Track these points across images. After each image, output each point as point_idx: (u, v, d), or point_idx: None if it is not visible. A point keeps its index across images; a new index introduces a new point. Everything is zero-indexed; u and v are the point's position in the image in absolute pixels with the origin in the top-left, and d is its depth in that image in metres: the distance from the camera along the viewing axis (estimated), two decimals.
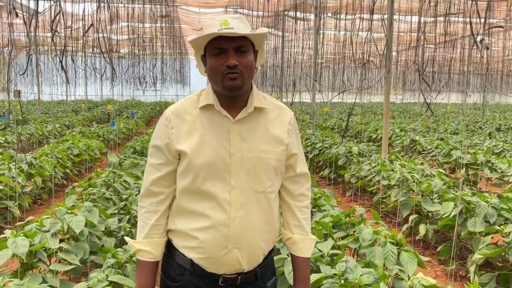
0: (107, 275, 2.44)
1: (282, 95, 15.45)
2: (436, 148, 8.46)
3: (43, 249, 2.91)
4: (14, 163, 5.89)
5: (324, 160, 8.23)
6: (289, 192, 1.79)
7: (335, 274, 2.29)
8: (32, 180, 6.17)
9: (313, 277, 2.30)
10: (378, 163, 6.41)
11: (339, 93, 8.26)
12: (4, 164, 5.93)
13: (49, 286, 2.60)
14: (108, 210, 3.97)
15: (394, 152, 7.51)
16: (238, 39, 1.58)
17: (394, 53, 17.09)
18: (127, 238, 1.74)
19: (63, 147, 8.05)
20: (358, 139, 11.90)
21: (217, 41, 1.58)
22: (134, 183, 5.03)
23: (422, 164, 6.19)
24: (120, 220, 3.89)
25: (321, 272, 2.45)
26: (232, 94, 1.63)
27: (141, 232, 1.69)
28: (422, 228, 4.64)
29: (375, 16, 9.06)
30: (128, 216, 3.96)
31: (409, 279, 2.58)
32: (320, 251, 2.74)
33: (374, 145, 8.87)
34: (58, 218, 3.27)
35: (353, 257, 3.21)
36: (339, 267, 2.33)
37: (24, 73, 5.90)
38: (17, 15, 3.90)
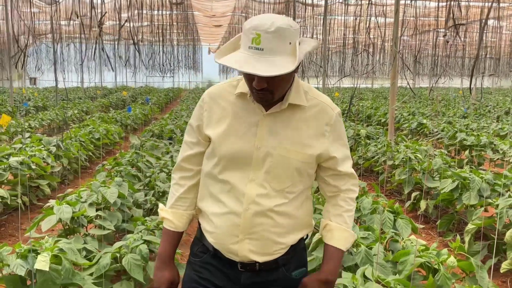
0: (141, 236, 2.86)
1: None
2: (442, 131, 8.75)
3: (83, 216, 3.33)
4: (47, 145, 6.35)
5: None
6: (333, 187, 1.71)
7: None
8: (59, 161, 6.63)
9: (316, 237, 2.69)
10: (384, 145, 6.75)
11: (339, 79, 8.58)
12: (33, 146, 6.38)
13: (91, 246, 3.02)
14: (135, 185, 4.39)
15: (401, 135, 7.83)
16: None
17: (405, 38, 17.23)
18: (160, 205, 1.84)
19: (85, 131, 8.49)
20: (367, 123, 12.21)
21: None
22: (156, 163, 5.45)
23: (426, 145, 6.51)
24: (146, 194, 4.30)
25: None
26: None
27: (169, 202, 1.77)
28: (422, 203, 4.99)
29: (383, 2, 9.30)
30: (152, 191, 4.38)
31: (403, 241, 2.95)
32: None
33: (382, 128, 9.19)
34: (93, 191, 3.70)
35: (356, 224, 3.58)
36: None
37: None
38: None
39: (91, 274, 2.66)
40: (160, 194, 4.45)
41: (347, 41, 13.98)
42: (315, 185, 3.63)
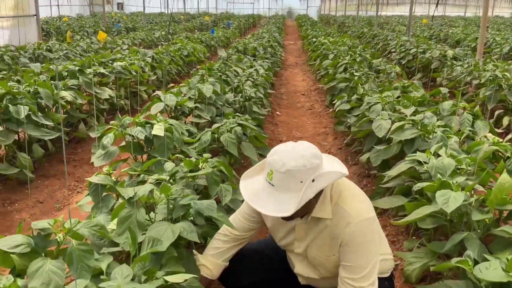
0: (235, 120, 3.25)
1: (379, 8, 15.17)
2: None
3: (185, 105, 3.79)
4: (143, 56, 6.92)
5: (417, 65, 8.43)
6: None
7: (413, 120, 2.88)
8: (154, 72, 7.21)
9: (396, 124, 2.92)
10: (471, 64, 6.58)
11: None
12: (132, 57, 6.98)
13: (192, 129, 3.48)
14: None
15: (490, 56, 7.53)
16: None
17: None
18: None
19: (174, 48, 9.01)
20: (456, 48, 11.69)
21: None
22: (242, 73, 5.81)
23: None
24: (234, 96, 4.70)
25: None
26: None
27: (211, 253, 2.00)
28: (505, 119, 4.96)
29: None
30: (241, 94, 4.76)
31: (479, 137, 3.10)
32: (402, 113, 3.32)
33: (470, 50, 8.84)
34: (191, 88, 4.13)
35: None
36: (417, 117, 2.91)
37: None
38: None
39: (194, 148, 3.11)
40: (247, 97, 4.82)
41: None
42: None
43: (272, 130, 5.68)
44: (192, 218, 1.97)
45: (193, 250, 2.01)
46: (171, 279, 1.52)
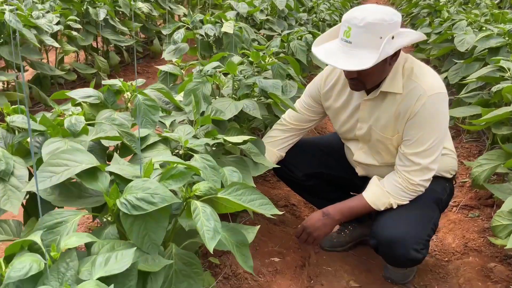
0: (306, 28, 3.16)
1: None
2: None
3: (256, 16, 3.74)
4: None
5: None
6: (397, 160, 1.74)
7: (501, 29, 2.65)
8: None
9: (481, 34, 2.70)
10: None
11: None
12: None
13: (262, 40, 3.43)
14: None
15: None
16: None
17: None
18: None
19: None
20: None
21: None
22: None
23: None
24: (308, 16, 4.56)
25: None
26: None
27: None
28: None
29: None
30: (314, 15, 4.62)
31: None
32: (489, 29, 3.06)
33: None
34: (264, 1, 4.05)
35: None
36: (505, 27, 2.67)
37: None
38: None
39: None
40: (321, 19, 4.66)
41: None
42: None
43: None
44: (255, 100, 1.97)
45: None
46: (230, 139, 1.53)
